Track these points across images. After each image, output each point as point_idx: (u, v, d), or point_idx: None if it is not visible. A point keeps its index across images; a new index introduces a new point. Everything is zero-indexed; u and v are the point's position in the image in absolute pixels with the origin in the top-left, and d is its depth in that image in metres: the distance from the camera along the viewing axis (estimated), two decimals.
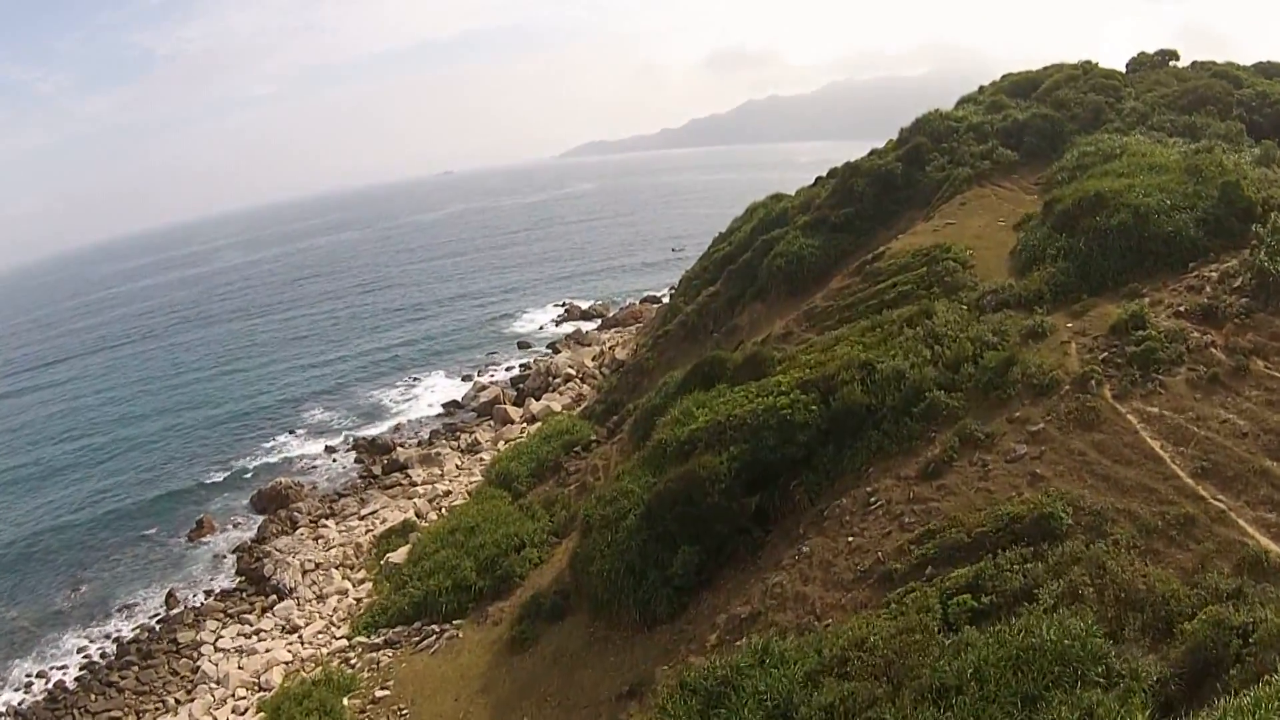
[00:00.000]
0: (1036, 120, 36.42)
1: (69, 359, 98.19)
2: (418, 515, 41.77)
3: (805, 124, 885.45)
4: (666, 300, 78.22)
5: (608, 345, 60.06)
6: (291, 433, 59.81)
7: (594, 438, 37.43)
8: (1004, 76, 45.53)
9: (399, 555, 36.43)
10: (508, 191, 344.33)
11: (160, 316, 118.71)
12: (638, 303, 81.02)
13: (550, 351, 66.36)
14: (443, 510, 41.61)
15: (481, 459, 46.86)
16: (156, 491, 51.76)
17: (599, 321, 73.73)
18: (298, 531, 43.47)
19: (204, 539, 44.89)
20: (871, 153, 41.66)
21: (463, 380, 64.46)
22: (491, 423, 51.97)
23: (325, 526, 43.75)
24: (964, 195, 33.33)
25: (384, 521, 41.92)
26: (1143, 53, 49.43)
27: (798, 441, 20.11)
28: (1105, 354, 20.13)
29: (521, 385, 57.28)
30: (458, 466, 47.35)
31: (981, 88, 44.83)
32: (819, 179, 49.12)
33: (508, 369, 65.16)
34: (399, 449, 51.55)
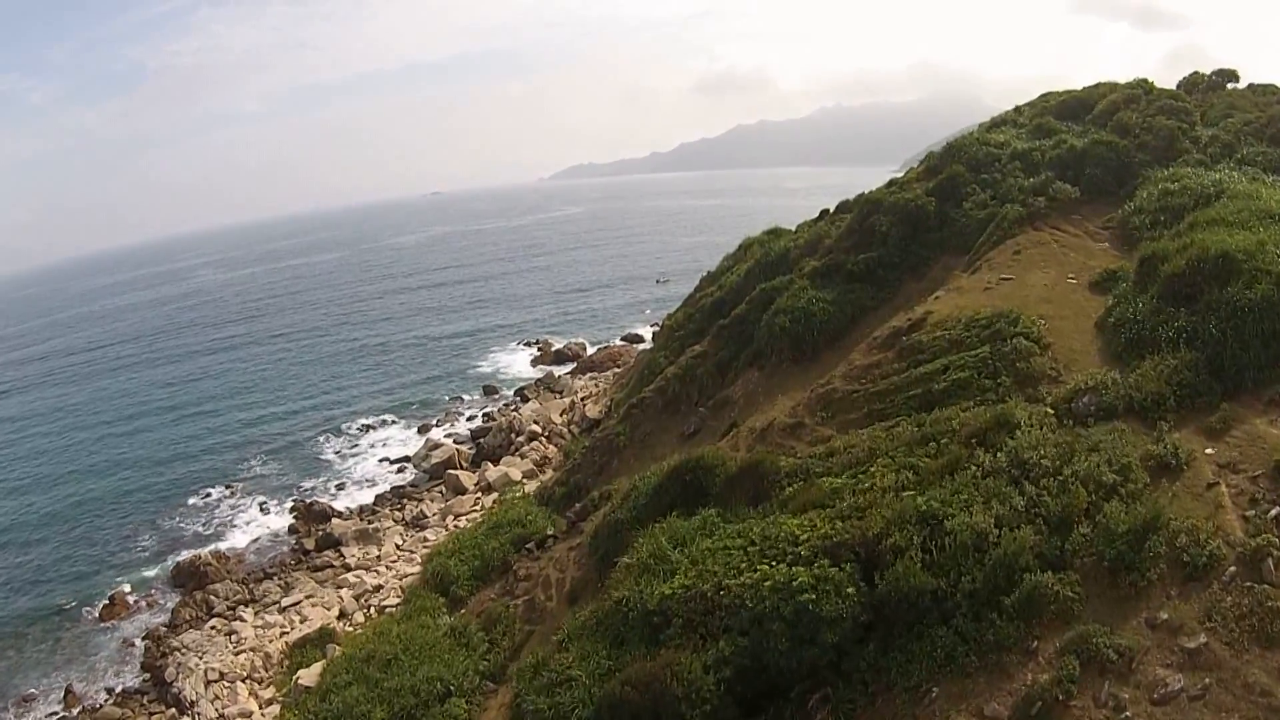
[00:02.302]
0: (1099, 149, 29.58)
1: (20, 392, 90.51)
2: (342, 614, 35.20)
3: (795, 149, 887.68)
4: (648, 340, 71.48)
5: (580, 396, 52.96)
6: (229, 488, 53.00)
7: (551, 531, 30.25)
8: (1044, 95, 38.81)
9: (310, 675, 29.76)
10: (491, 214, 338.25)
11: (121, 347, 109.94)
12: (618, 340, 74.31)
13: (518, 399, 59.38)
14: (371, 610, 34.80)
15: (425, 539, 39.88)
16: (78, 556, 45.92)
17: (573, 365, 66.63)
18: (210, 623, 37.28)
19: (114, 620, 39.25)
20: (890, 183, 34.74)
21: (419, 432, 57.26)
22: (443, 489, 44.86)
23: (241, 619, 37.21)
24: (1016, 240, 26.40)
25: (304, 620, 35.73)
26: (1196, 73, 42.97)
27: (823, 642, 12.92)
28: (1277, 509, 13.23)
29: (482, 441, 50.28)
30: (397, 547, 40.37)
31: (1019, 107, 38.08)
32: (824, 212, 42.23)
33: (469, 419, 57.98)
34: (336, 520, 44.50)
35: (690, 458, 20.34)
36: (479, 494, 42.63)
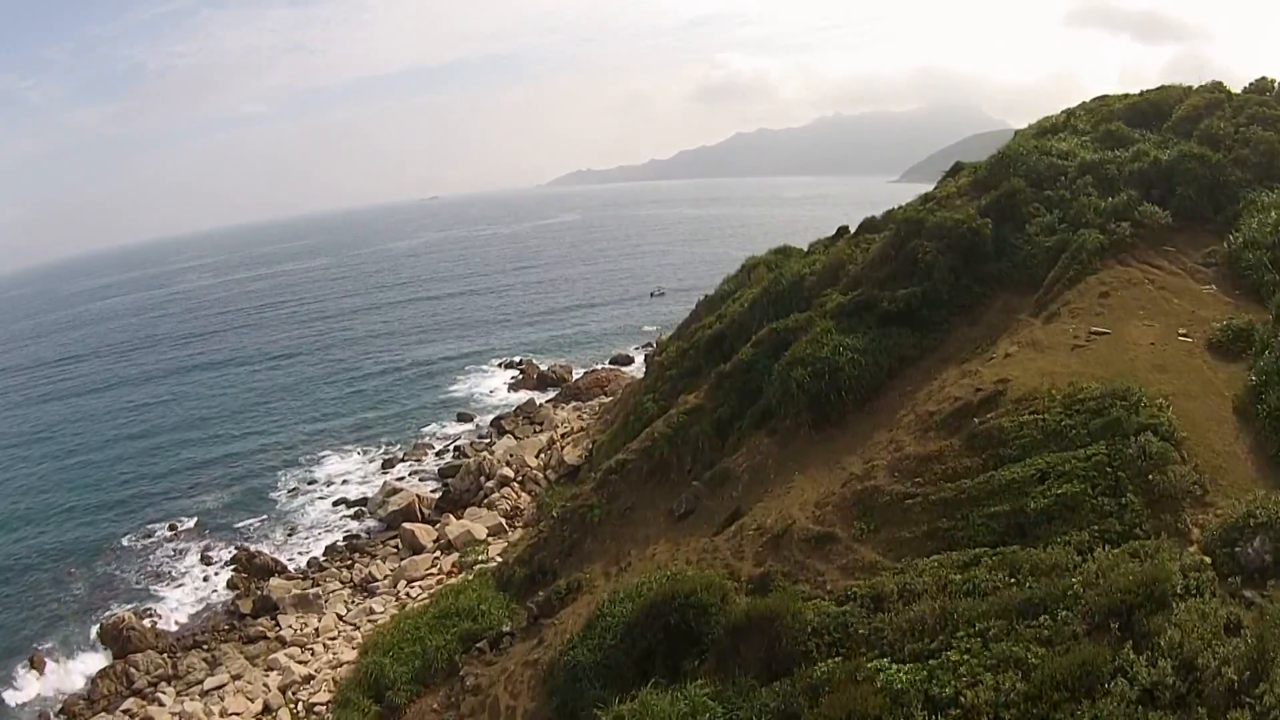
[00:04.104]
0: (1189, 164, 23.82)
1: None
2: (266, 709, 29.86)
3: (794, 158, 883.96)
4: (639, 362, 65.65)
5: (559, 432, 47.08)
6: (173, 528, 47.36)
7: (507, 628, 24.48)
8: (1101, 98, 32.92)
9: None
10: (486, 220, 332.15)
11: (90, 363, 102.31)
12: (606, 363, 68.56)
13: (493, 430, 53.63)
14: (299, 707, 29.10)
15: (371, 609, 34.16)
16: (4, 606, 40.92)
17: (557, 391, 60.79)
18: (126, 704, 32.33)
19: (32, 686, 34.70)
20: (927, 198, 28.86)
21: (383, 467, 51.40)
22: (398, 545, 39.06)
23: (159, 702, 31.96)
24: (1099, 278, 20.63)
25: (224, 715, 29.99)
26: (1264, 78, 37.34)
27: None
28: None
29: (449, 482, 44.56)
30: (339, 618, 34.68)
31: (1071, 111, 32.18)
32: (842, 230, 36.41)
33: (439, 453, 52.13)
34: (276, 579, 38.76)
35: (677, 589, 14.55)
36: (437, 553, 36.90)
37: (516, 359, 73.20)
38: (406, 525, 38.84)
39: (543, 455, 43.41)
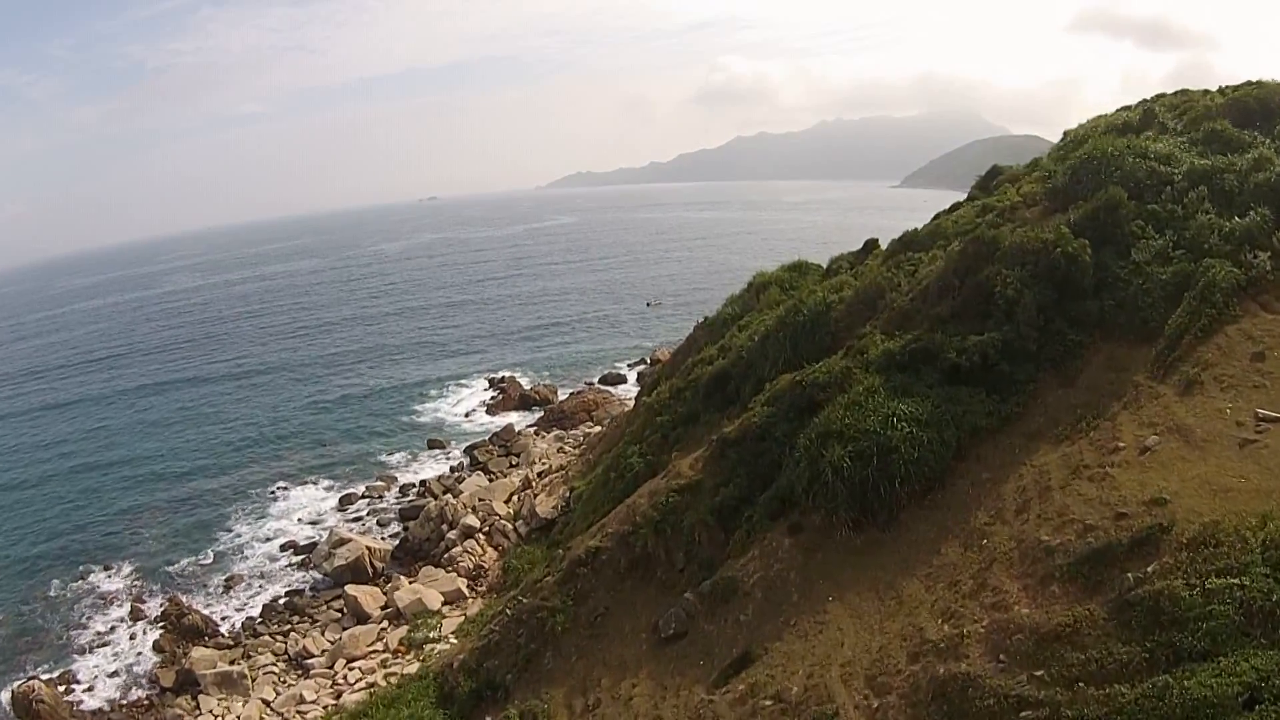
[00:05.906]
0: None
1: None
2: None
3: (794, 162, 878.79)
4: (631, 381, 60.18)
5: (535, 470, 41.35)
6: (108, 569, 42.25)
7: None
8: (1181, 93, 27.14)
9: None
10: (483, 222, 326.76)
11: (61, 372, 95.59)
12: (596, 381, 62.90)
13: (465, 460, 48.09)
14: None
15: (301, 699, 28.37)
16: None
17: (540, 413, 55.12)
18: None
19: None
20: (986, 209, 23.10)
21: (339, 505, 45.74)
22: (343, 608, 33.41)
23: None
24: (1243, 329, 15.00)
25: None
26: None
27: None
28: None
29: (408, 527, 39.00)
30: (265, 705, 29.00)
31: (1146, 107, 26.40)
32: (871, 245, 30.66)
33: (402, 489, 46.44)
34: (200, 650, 33.25)
35: None
36: (384, 623, 31.18)
37: (498, 375, 67.47)
38: (351, 590, 33.11)
39: (514, 500, 37.67)
